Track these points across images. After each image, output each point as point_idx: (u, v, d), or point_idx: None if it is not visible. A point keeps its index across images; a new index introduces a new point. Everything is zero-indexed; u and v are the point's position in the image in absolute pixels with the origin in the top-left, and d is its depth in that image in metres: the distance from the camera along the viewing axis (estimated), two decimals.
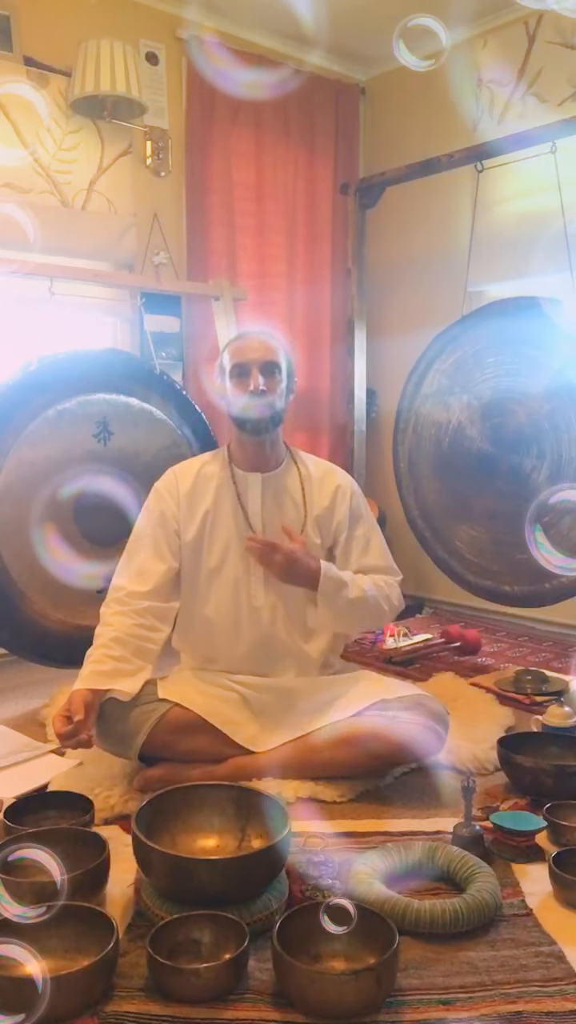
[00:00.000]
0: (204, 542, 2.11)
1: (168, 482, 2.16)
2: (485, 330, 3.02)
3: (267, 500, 2.13)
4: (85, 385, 2.71)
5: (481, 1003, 1.25)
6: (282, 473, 2.16)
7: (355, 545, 2.16)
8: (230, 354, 2.10)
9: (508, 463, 2.95)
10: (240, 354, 2.07)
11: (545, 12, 3.42)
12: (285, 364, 2.10)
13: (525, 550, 2.93)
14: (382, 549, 2.20)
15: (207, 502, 2.11)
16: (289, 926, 1.30)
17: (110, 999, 1.25)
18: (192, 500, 2.12)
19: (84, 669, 1.92)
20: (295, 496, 2.16)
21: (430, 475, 3.21)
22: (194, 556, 2.11)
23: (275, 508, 2.14)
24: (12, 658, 2.82)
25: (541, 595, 2.93)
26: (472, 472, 3.06)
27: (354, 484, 2.23)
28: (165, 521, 2.10)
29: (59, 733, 1.78)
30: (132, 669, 1.94)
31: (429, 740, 1.94)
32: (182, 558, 2.11)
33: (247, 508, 2.12)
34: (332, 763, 1.96)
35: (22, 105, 3.10)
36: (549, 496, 2.50)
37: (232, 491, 2.13)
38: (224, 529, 2.11)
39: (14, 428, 2.57)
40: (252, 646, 2.11)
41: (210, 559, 2.11)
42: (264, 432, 2.08)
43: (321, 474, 2.20)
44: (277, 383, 2.07)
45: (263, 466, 2.14)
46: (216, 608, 2.11)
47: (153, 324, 3.37)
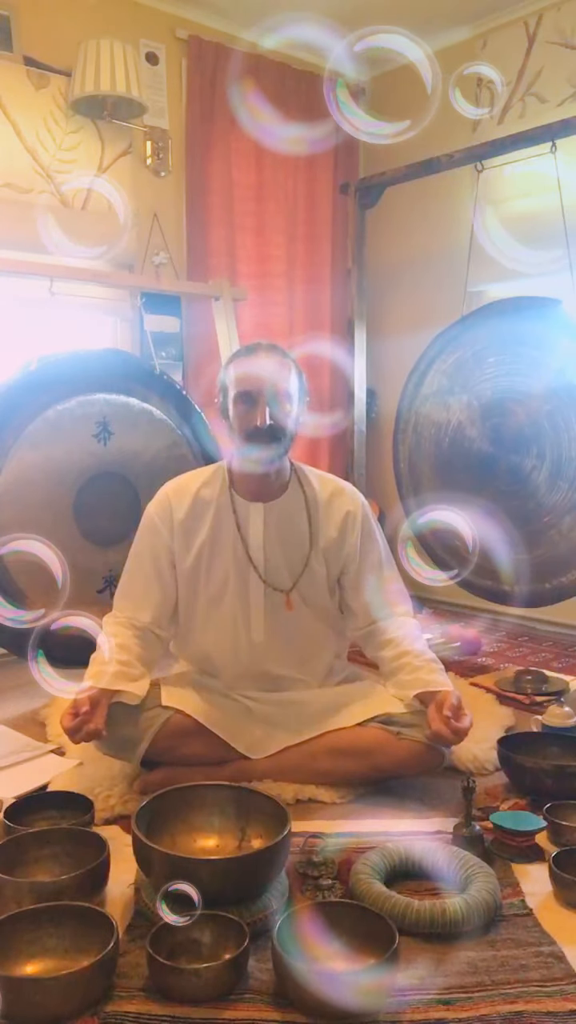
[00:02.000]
0: (201, 572, 2.01)
1: (162, 507, 2.02)
2: (485, 330, 3.01)
3: (270, 532, 1.99)
4: (85, 385, 2.71)
5: (481, 1003, 1.25)
6: (286, 500, 2.02)
7: (367, 578, 2.04)
8: (235, 377, 1.91)
9: (508, 463, 2.95)
10: (246, 380, 1.89)
11: (545, 12, 3.42)
12: (296, 385, 1.93)
13: (525, 550, 2.93)
14: (393, 574, 2.09)
15: (204, 531, 1.99)
16: (289, 926, 1.30)
17: (110, 999, 1.25)
18: (187, 528, 2.00)
19: (90, 670, 1.91)
20: (300, 526, 2.02)
21: (430, 475, 3.20)
22: (191, 585, 2.03)
23: (278, 539, 2.00)
24: (12, 658, 2.82)
25: (541, 595, 2.93)
26: (472, 472, 3.06)
27: (365, 506, 2.09)
28: (158, 553, 2.01)
29: (66, 728, 1.75)
30: (136, 674, 1.93)
31: (431, 756, 1.91)
32: (179, 586, 2.04)
33: (248, 541, 1.99)
34: (333, 772, 1.95)
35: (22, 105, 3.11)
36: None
37: (232, 521, 1.99)
38: (222, 561, 1.99)
39: (14, 428, 2.57)
40: (251, 675, 2.06)
41: (208, 589, 2.02)
42: (269, 464, 1.95)
43: (328, 497, 2.05)
44: (287, 413, 1.90)
45: (266, 495, 2.00)
46: (215, 638, 2.05)
47: (153, 324, 3.37)
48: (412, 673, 1.95)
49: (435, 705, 1.86)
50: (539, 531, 2.89)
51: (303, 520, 2.02)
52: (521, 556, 2.94)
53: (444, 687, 1.90)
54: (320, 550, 2.02)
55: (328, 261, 4.04)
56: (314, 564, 2.02)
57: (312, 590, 2.04)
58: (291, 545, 2.02)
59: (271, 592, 2.01)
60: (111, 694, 1.87)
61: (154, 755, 1.93)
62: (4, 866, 1.46)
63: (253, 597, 2.00)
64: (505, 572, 2.91)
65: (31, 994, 1.19)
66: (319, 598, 2.06)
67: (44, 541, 1.98)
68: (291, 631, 2.04)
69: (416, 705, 1.93)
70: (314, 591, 2.05)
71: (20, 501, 2.56)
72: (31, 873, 1.51)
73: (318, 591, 2.05)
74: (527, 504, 2.91)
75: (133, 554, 2.07)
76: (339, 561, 2.05)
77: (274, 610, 2.02)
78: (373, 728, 1.93)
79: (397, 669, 1.98)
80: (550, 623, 3.53)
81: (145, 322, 3.31)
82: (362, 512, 2.07)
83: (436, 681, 1.92)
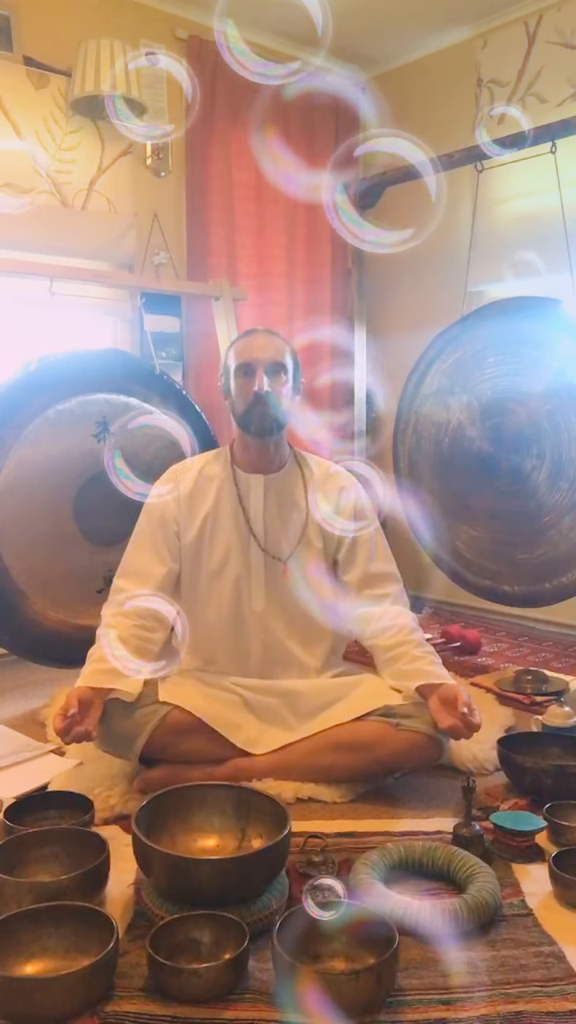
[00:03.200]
0: (204, 544, 2.10)
1: (168, 483, 2.14)
2: (485, 330, 3.02)
3: (269, 503, 2.11)
4: (85, 385, 2.70)
5: (481, 1003, 1.25)
6: (285, 475, 2.14)
7: (361, 550, 2.12)
8: (235, 353, 2.07)
9: (508, 463, 2.95)
10: (245, 353, 2.04)
11: (545, 12, 3.42)
12: (291, 364, 2.07)
13: (525, 550, 2.94)
14: (388, 554, 2.16)
15: (208, 504, 2.10)
16: (289, 926, 1.30)
17: (110, 999, 1.25)
18: (192, 501, 2.10)
19: (85, 668, 1.92)
20: (298, 499, 2.13)
21: (430, 475, 3.21)
22: (194, 558, 2.11)
23: (277, 511, 2.11)
24: (12, 658, 2.82)
25: (541, 595, 2.93)
26: (472, 472, 3.06)
27: (359, 487, 2.19)
28: (165, 523, 2.09)
29: (56, 729, 1.77)
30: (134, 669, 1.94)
31: (431, 748, 1.92)
32: (182, 560, 2.11)
33: (248, 511, 2.10)
34: (333, 768, 1.95)
35: (22, 105, 3.11)
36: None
37: (234, 493, 2.11)
38: (225, 531, 2.09)
39: (14, 428, 2.57)
40: (252, 650, 2.10)
41: (211, 562, 2.10)
42: (268, 435, 2.05)
43: (325, 476, 2.17)
44: (282, 384, 2.04)
45: (266, 468, 2.11)
46: (217, 611, 2.10)
47: (153, 324, 3.37)
48: (411, 664, 1.97)
49: (441, 700, 1.88)
50: (539, 531, 2.89)
51: (301, 493, 2.13)
52: (521, 556, 2.95)
53: (446, 680, 1.93)
54: (316, 521, 2.11)
55: (328, 261, 4.04)
56: (311, 534, 2.11)
57: (309, 561, 2.11)
58: (289, 516, 2.11)
59: (271, 561, 2.09)
60: (105, 693, 1.88)
61: (153, 752, 1.94)
62: (4, 866, 1.46)
63: (254, 566, 2.07)
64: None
65: (31, 994, 1.19)
66: (315, 570, 2.12)
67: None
68: (290, 602, 2.08)
69: (416, 697, 1.94)
70: (311, 562, 2.11)
71: (20, 500, 2.56)
72: (31, 873, 1.51)
73: (315, 562, 2.12)
74: (527, 504, 2.91)
75: (136, 532, 2.13)
76: (334, 534, 2.12)
77: (274, 580, 2.09)
78: (372, 721, 1.95)
79: (395, 658, 2.01)
80: (550, 623, 3.53)
81: (145, 322, 3.31)
82: (356, 490, 2.17)
83: (437, 673, 1.95)
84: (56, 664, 2.66)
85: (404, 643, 2.01)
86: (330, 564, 2.14)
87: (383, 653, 2.04)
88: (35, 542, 2.60)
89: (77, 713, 1.77)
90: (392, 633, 2.03)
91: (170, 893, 1.42)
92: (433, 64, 3.92)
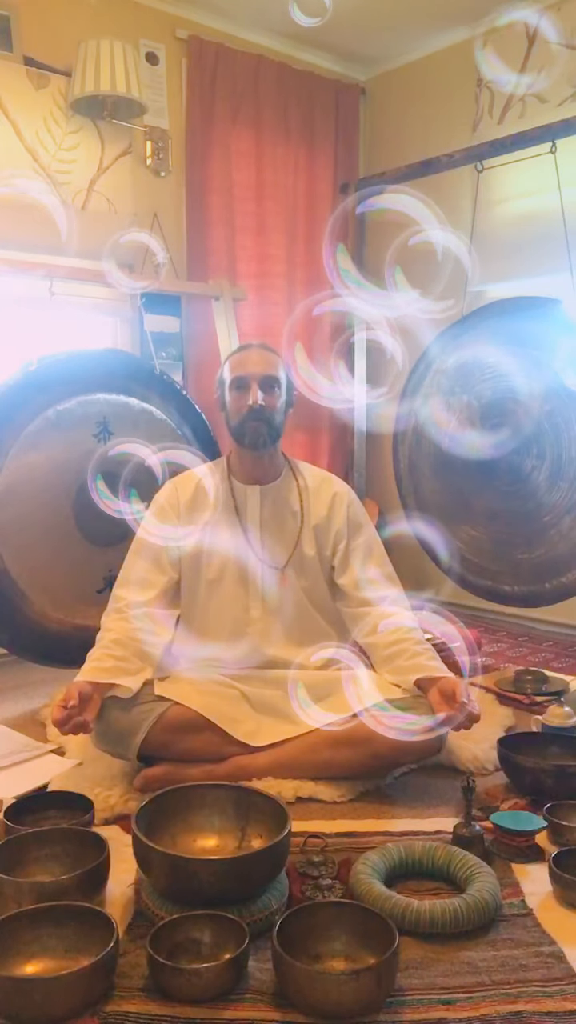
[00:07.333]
0: (203, 554, 2.14)
1: (168, 493, 2.18)
2: (485, 330, 3.02)
3: (265, 512, 2.15)
4: (85, 385, 2.71)
5: (481, 1003, 1.25)
6: (280, 485, 2.19)
7: (355, 556, 2.16)
8: (230, 367, 2.12)
9: (508, 463, 2.95)
10: (240, 367, 2.10)
11: (545, 12, 3.42)
12: (285, 379, 2.13)
13: (525, 550, 2.94)
14: (383, 559, 2.20)
15: (206, 514, 2.14)
16: (289, 926, 1.30)
17: (110, 999, 1.25)
18: (192, 511, 2.15)
19: (85, 666, 1.93)
20: (293, 507, 2.18)
21: (430, 475, 3.21)
22: (193, 567, 2.14)
23: (273, 520, 2.16)
24: (12, 658, 2.82)
25: (541, 595, 2.93)
26: (472, 472, 3.06)
27: (351, 492, 2.24)
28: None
29: (54, 720, 1.78)
30: (133, 668, 1.95)
31: (429, 741, 1.93)
32: (182, 569, 2.14)
33: (245, 520, 2.15)
34: (332, 763, 1.96)
35: (22, 105, 3.11)
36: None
37: (231, 503, 2.16)
38: (223, 541, 2.12)
39: (14, 428, 2.57)
40: (250, 657, 2.11)
41: (209, 571, 2.14)
42: (262, 447, 2.10)
43: (318, 484, 2.22)
44: (276, 398, 2.09)
45: (261, 478, 2.17)
46: (216, 619, 2.14)
47: (153, 324, 3.37)
48: (412, 659, 2.00)
49: (440, 692, 1.89)
50: (539, 531, 2.89)
51: (295, 501, 2.18)
52: (521, 556, 2.95)
53: (446, 673, 1.96)
54: (311, 528, 2.16)
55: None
56: (305, 542, 2.15)
57: (305, 568, 2.16)
58: (285, 524, 2.16)
59: (267, 569, 2.12)
60: (104, 688, 1.89)
61: (151, 750, 1.94)
62: (4, 866, 1.46)
63: (251, 574, 2.11)
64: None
65: (31, 994, 1.19)
66: (312, 577, 2.16)
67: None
68: (287, 609, 2.12)
69: (415, 691, 1.96)
70: (307, 569, 2.15)
71: (20, 501, 2.56)
72: (31, 873, 1.51)
73: (311, 570, 2.16)
74: (527, 504, 2.91)
75: (136, 541, 2.15)
76: (329, 539, 2.17)
77: (272, 588, 2.12)
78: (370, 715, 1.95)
79: (395, 655, 2.03)
80: (550, 623, 3.53)
81: (145, 322, 3.31)
82: (348, 496, 2.22)
83: (437, 667, 1.98)
84: (56, 664, 2.66)
85: (403, 640, 2.03)
86: (327, 570, 2.18)
87: (382, 650, 2.06)
88: (35, 542, 2.60)
89: (76, 705, 1.78)
90: (391, 631, 2.05)
91: (170, 893, 1.42)
92: (433, 64, 3.92)
